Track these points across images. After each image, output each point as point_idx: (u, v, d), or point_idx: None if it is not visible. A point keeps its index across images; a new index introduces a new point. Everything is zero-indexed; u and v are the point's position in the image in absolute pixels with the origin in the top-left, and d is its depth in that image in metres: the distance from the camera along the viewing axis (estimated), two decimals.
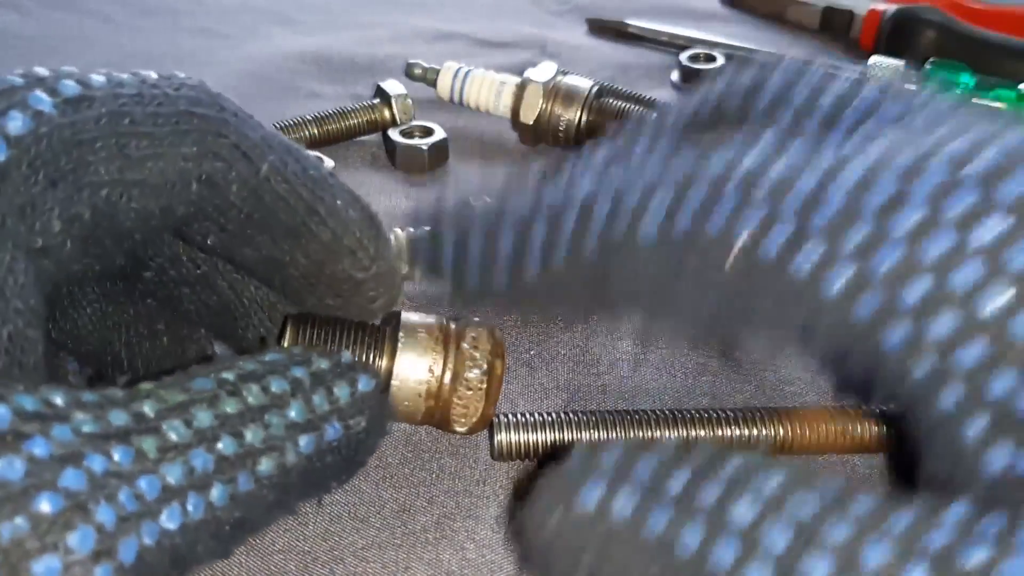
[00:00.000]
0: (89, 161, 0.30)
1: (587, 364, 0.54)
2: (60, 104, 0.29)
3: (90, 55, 0.87)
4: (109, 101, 0.30)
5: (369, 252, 0.39)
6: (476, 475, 0.47)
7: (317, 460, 0.31)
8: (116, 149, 0.30)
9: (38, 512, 0.23)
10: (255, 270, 0.39)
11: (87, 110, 0.30)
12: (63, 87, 0.29)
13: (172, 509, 0.25)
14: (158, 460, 0.25)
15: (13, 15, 0.94)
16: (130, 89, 0.31)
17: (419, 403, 0.43)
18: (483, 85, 0.75)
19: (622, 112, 0.71)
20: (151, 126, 0.31)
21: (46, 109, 0.28)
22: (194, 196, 0.33)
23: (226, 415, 0.28)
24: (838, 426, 0.46)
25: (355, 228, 0.39)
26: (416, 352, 0.43)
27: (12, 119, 0.28)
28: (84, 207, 0.30)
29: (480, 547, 0.43)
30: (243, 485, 0.28)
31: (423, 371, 0.43)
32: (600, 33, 0.94)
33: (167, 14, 0.96)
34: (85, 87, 0.30)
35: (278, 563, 0.42)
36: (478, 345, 0.44)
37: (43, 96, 0.29)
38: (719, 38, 0.89)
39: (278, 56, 0.87)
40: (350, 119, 0.73)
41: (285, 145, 0.36)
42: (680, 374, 0.53)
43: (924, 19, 0.85)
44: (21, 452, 0.23)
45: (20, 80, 0.29)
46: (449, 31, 0.94)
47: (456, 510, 0.45)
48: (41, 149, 0.28)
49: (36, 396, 0.24)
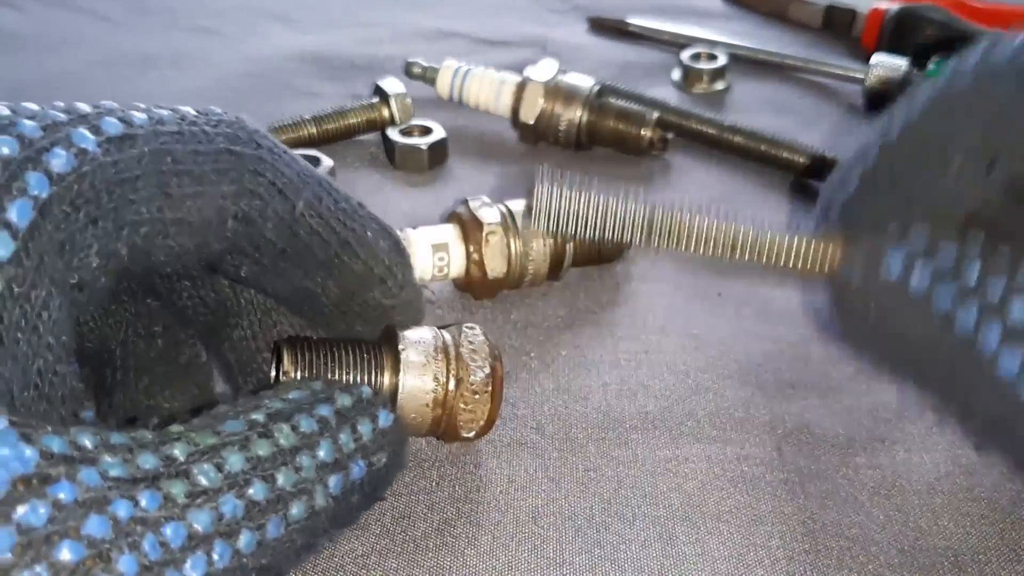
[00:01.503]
0: (131, 200, 0.30)
1: (588, 366, 0.54)
2: (103, 142, 0.29)
3: (88, 54, 0.86)
4: (151, 139, 0.30)
5: (397, 279, 0.39)
6: (476, 481, 0.46)
7: (343, 499, 0.30)
8: (157, 188, 0.30)
9: (58, 561, 0.22)
10: (287, 300, 0.40)
11: (130, 148, 0.29)
12: (106, 124, 0.29)
13: (197, 558, 0.25)
14: (186, 506, 0.25)
15: (11, 14, 0.93)
16: (171, 126, 0.31)
17: (426, 413, 0.44)
18: (483, 84, 0.74)
19: (622, 112, 0.71)
20: (192, 164, 0.31)
21: (90, 148, 0.28)
22: (230, 232, 0.33)
23: (258, 458, 0.27)
24: None
25: (385, 257, 0.39)
26: (419, 364, 0.43)
27: (56, 156, 0.27)
28: (123, 245, 0.30)
29: (481, 553, 0.43)
30: (272, 532, 0.27)
31: (428, 382, 0.43)
32: (601, 31, 0.94)
33: (165, 12, 0.96)
34: (127, 125, 0.30)
35: None
36: (476, 350, 0.44)
37: (87, 134, 0.28)
38: (720, 36, 0.89)
39: (277, 55, 0.87)
40: (349, 118, 0.73)
41: (318, 179, 0.37)
42: (682, 373, 0.53)
43: (926, 18, 0.84)
44: (46, 497, 0.22)
45: (63, 116, 0.29)
46: (449, 30, 0.93)
47: (456, 516, 0.45)
48: (84, 188, 0.28)
49: (64, 438, 0.24)
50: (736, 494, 0.46)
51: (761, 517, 0.45)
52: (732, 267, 0.62)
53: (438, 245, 0.55)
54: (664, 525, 0.44)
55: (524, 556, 0.43)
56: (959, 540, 0.44)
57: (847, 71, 0.83)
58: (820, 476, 0.47)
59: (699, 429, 0.50)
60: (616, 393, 0.52)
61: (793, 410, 0.51)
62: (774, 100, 0.83)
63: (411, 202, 0.68)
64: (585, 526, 0.44)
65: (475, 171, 0.72)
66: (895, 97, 0.42)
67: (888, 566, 0.43)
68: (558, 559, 0.43)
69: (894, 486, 0.47)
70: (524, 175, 0.71)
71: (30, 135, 0.27)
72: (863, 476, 0.47)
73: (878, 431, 0.49)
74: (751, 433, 0.49)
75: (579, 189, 0.42)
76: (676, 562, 0.43)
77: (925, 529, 0.45)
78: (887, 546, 0.44)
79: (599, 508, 0.45)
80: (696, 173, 0.72)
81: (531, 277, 0.57)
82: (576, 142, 0.72)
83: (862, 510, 0.45)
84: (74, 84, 0.81)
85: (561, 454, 0.48)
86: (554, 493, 0.46)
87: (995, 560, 0.43)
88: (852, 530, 0.44)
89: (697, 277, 0.61)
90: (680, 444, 0.49)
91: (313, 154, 0.68)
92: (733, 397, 0.52)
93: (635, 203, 0.42)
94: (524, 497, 0.46)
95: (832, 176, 0.43)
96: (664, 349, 0.55)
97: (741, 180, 0.72)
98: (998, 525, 0.45)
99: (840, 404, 0.51)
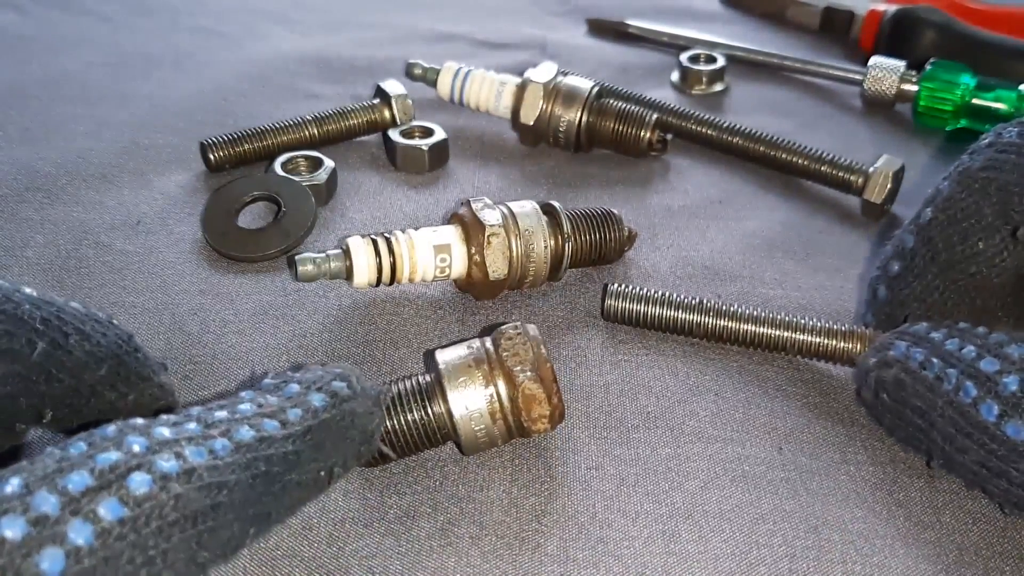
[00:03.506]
0: None
1: (589, 366, 0.54)
2: None
3: (89, 55, 0.86)
4: None
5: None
6: (479, 481, 0.47)
7: (288, 441, 0.35)
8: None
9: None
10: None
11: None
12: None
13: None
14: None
15: (12, 14, 0.93)
16: None
17: (490, 424, 0.45)
18: (483, 85, 0.75)
19: (622, 113, 0.71)
20: None
21: None
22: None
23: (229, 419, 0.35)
24: None
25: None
26: (465, 381, 0.45)
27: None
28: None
29: (484, 554, 0.43)
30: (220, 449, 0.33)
31: (480, 397, 0.45)
32: (600, 33, 0.94)
33: (166, 13, 0.96)
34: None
35: (283, 568, 0.42)
36: (515, 345, 0.45)
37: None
38: (719, 38, 0.89)
39: (278, 57, 0.87)
40: (350, 119, 0.73)
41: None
42: (683, 374, 0.53)
43: (924, 19, 0.84)
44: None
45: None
46: (449, 32, 0.94)
47: (460, 516, 0.45)
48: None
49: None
50: (738, 492, 0.46)
51: (763, 515, 0.45)
52: (730, 268, 0.62)
53: (440, 246, 0.55)
54: (667, 523, 0.45)
55: (527, 555, 0.43)
56: (961, 535, 0.44)
57: (845, 72, 0.83)
58: (821, 473, 0.47)
59: (700, 428, 0.50)
60: (617, 393, 0.52)
61: (793, 409, 0.51)
62: (772, 101, 0.83)
63: (412, 203, 0.68)
64: (588, 524, 0.44)
65: (475, 172, 0.72)
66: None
67: (892, 559, 0.43)
68: (561, 557, 0.43)
69: (895, 482, 0.47)
70: (524, 176, 0.71)
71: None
72: (864, 472, 0.47)
73: (878, 429, 0.50)
74: (752, 432, 0.50)
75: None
76: (679, 560, 0.43)
77: (928, 524, 0.45)
78: (891, 540, 0.44)
79: (602, 506, 0.45)
80: (695, 174, 0.73)
81: (532, 278, 0.57)
82: (576, 143, 0.72)
83: (864, 505, 0.46)
84: (76, 85, 0.81)
85: (563, 453, 0.48)
86: (557, 492, 0.46)
87: (998, 556, 0.43)
88: (855, 525, 0.45)
89: (695, 278, 0.61)
90: (682, 443, 0.49)
91: (315, 155, 0.68)
92: (733, 397, 0.52)
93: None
94: (527, 496, 0.46)
95: (876, 266, 0.51)
96: (664, 350, 0.55)
97: (740, 181, 0.72)
98: (999, 522, 0.45)
99: (840, 403, 0.52)
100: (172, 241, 0.63)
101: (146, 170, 0.70)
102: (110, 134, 0.74)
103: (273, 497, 0.35)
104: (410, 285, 0.58)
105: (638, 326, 0.56)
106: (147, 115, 0.77)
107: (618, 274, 0.61)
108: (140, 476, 0.30)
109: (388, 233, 0.56)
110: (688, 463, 0.48)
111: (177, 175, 0.70)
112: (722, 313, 0.54)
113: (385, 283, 0.56)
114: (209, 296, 0.58)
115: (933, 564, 0.43)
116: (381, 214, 0.67)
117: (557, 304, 0.59)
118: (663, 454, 0.48)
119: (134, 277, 0.59)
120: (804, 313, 0.55)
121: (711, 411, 0.51)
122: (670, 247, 0.64)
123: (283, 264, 0.61)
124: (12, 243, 0.62)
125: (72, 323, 0.40)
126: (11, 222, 0.64)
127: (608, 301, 0.56)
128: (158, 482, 0.30)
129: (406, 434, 0.45)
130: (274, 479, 0.35)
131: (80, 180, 0.69)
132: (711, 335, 0.54)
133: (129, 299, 0.58)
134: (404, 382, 0.46)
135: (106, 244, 0.62)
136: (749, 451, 0.49)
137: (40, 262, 0.60)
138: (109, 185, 0.68)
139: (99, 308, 0.43)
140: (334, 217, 0.66)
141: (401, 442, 0.45)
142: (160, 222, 0.65)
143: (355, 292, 0.58)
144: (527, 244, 0.56)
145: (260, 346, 0.54)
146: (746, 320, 0.54)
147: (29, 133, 0.74)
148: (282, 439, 0.35)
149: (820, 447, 0.49)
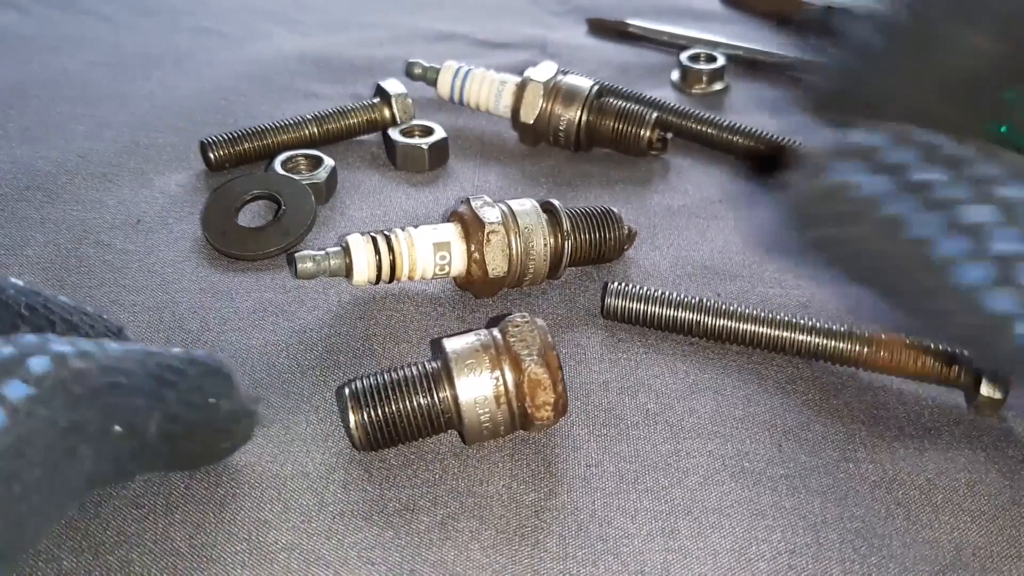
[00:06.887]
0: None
1: (588, 363, 0.54)
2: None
3: (90, 54, 0.86)
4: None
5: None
6: (479, 476, 0.47)
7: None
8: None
9: None
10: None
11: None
12: None
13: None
14: None
15: (13, 14, 0.94)
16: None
17: (495, 409, 0.45)
18: (483, 84, 0.75)
19: (622, 113, 0.71)
20: None
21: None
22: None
23: None
24: (913, 354, 0.52)
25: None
26: (472, 365, 0.45)
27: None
28: None
29: (485, 548, 0.43)
30: None
31: (487, 383, 0.45)
32: (600, 33, 0.94)
33: (167, 13, 0.96)
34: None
35: (282, 561, 0.42)
36: (522, 332, 0.46)
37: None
38: (719, 38, 0.89)
39: (279, 56, 0.87)
40: (350, 118, 0.73)
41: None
42: (682, 371, 0.53)
43: None
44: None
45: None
46: (449, 31, 0.94)
47: (460, 511, 0.45)
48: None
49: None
50: (738, 489, 0.46)
51: (763, 511, 0.45)
52: (730, 267, 0.62)
53: (440, 244, 0.55)
54: (666, 519, 0.45)
55: (527, 550, 0.43)
56: (960, 534, 0.44)
57: None
58: (821, 471, 0.47)
59: (700, 425, 0.50)
60: (617, 390, 0.52)
61: (793, 406, 0.51)
62: (772, 101, 0.83)
63: (412, 202, 0.68)
64: (588, 520, 0.45)
65: (475, 171, 0.72)
66: None
67: (890, 558, 0.43)
68: (561, 553, 0.43)
69: (894, 480, 0.47)
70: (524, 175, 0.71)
71: None
72: (864, 471, 0.47)
73: (878, 428, 0.50)
74: (752, 429, 0.50)
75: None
76: (679, 556, 0.43)
77: (926, 523, 0.45)
78: (889, 539, 0.44)
79: (601, 503, 0.45)
80: (695, 173, 0.73)
81: (531, 276, 0.57)
82: (575, 142, 0.72)
83: (863, 503, 0.46)
84: (76, 84, 0.81)
85: (563, 450, 0.48)
86: (557, 488, 0.46)
87: (996, 555, 0.43)
88: (854, 523, 0.45)
89: (695, 277, 0.61)
90: (681, 440, 0.49)
91: (315, 154, 0.69)
92: (733, 394, 0.52)
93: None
94: (527, 492, 0.46)
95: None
96: (664, 348, 0.55)
97: (739, 180, 0.72)
98: (998, 521, 0.45)
99: (840, 400, 0.52)
100: (172, 240, 0.63)
101: (146, 169, 0.70)
102: (110, 133, 0.74)
103: (172, 388, 0.37)
104: (410, 283, 0.59)
105: (638, 324, 0.56)
106: (147, 115, 0.77)
107: (618, 273, 0.61)
108: (38, 359, 0.33)
109: (388, 231, 0.56)
110: (687, 460, 0.48)
111: (177, 174, 0.70)
112: (722, 312, 0.54)
113: (385, 281, 0.56)
114: (209, 294, 0.58)
115: (931, 563, 0.43)
116: (381, 212, 0.67)
117: (557, 302, 0.59)
118: (663, 451, 0.48)
119: (134, 276, 0.60)
120: (804, 313, 0.55)
121: (711, 408, 0.51)
122: (670, 246, 0.64)
123: (283, 262, 0.61)
124: (12, 242, 0.62)
125: (59, 313, 0.40)
126: (11, 221, 0.64)
127: (608, 299, 0.56)
128: (56, 361, 0.33)
129: (410, 418, 0.46)
130: (166, 383, 0.37)
131: (80, 179, 0.69)
132: (711, 334, 0.54)
133: (129, 297, 0.58)
134: (410, 367, 0.47)
135: (106, 243, 0.62)
136: (749, 448, 0.49)
137: (40, 261, 0.60)
138: (109, 184, 0.68)
139: (99, 307, 0.43)
140: (334, 216, 0.66)
141: (405, 426, 0.46)
142: (160, 221, 0.65)
143: (355, 290, 0.58)
144: (527, 242, 0.56)
145: (260, 343, 0.54)
146: (746, 319, 0.54)
147: (29, 132, 0.74)
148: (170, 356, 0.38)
149: (820, 445, 0.49)
